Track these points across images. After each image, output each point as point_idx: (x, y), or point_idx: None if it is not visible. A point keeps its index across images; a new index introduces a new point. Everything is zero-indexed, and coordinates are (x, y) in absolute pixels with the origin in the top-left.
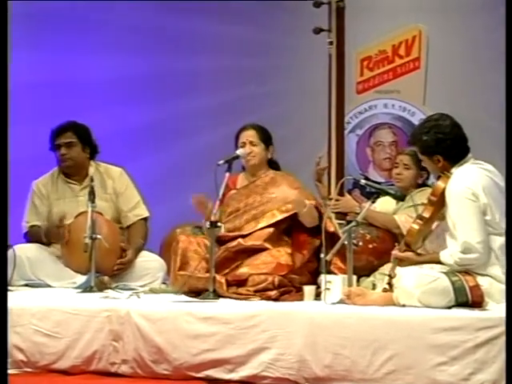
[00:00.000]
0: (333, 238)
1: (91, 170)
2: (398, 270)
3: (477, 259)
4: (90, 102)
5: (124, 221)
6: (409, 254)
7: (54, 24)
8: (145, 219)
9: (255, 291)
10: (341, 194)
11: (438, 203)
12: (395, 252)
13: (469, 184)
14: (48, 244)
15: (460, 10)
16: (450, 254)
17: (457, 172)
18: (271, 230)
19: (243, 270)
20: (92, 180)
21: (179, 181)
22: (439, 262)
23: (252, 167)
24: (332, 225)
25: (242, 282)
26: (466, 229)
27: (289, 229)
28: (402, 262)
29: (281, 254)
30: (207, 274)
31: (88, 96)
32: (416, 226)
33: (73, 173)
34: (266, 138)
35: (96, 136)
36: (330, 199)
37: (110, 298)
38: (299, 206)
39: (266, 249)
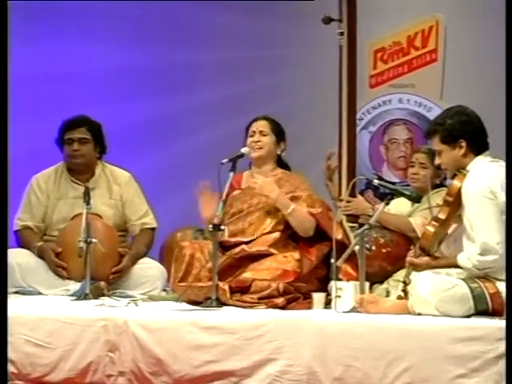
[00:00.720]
0: (343, 244)
1: (97, 171)
2: (414, 276)
3: (496, 261)
4: (84, 96)
5: (131, 230)
6: (424, 260)
7: (48, 15)
8: (152, 229)
9: (259, 298)
10: (352, 195)
11: (455, 204)
12: (410, 258)
13: (486, 182)
14: None
15: None
16: (468, 256)
17: (473, 169)
18: (277, 234)
19: (247, 275)
20: (88, 179)
21: (179, 180)
22: (457, 267)
23: (257, 160)
24: (340, 231)
25: (245, 289)
26: (484, 229)
27: (296, 233)
28: (417, 267)
29: (287, 260)
30: (209, 283)
31: (82, 90)
32: (431, 229)
33: (80, 171)
34: (278, 131)
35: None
36: (341, 200)
37: (106, 306)
38: (263, 189)
39: (271, 254)
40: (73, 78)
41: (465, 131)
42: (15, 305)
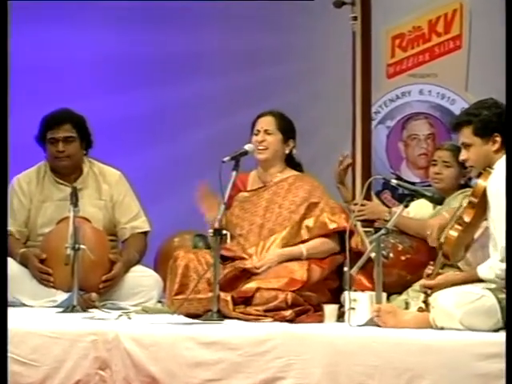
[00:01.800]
0: (359, 253)
1: (85, 170)
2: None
3: None
4: (73, 86)
5: (121, 234)
6: (440, 279)
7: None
8: (144, 233)
9: (265, 310)
10: (367, 197)
11: (481, 205)
12: (423, 281)
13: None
14: None
15: None
16: (490, 265)
17: (498, 167)
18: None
19: (251, 285)
20: (76, 179)
21: (176, 180)
22: (480, 281)
23: (263, 162)
24: (357, 240)
25: (249, 300)
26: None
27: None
28: (434, 289)
29: (295, 269)
30: (209, 294)
31: (71, 80)
32: (454, 233)
33: (67, 172)
34: (285, 128)
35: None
36: (355, 204)
37: (95, 319)
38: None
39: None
40: (57, 68)
41: (501, 125)
42: None
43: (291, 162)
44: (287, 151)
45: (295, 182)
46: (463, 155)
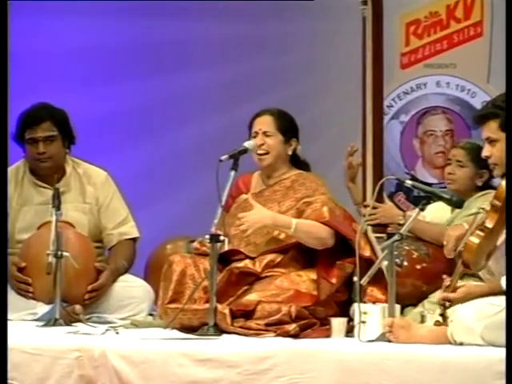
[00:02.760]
0: (370, 261)
1: (68, 170)
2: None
3: None
4: (52, 78)
5: (107, 240)
6: (461, 292)
7: None
8: (133, 240)
9: (267, 325)
10: (379, 199)
11: (504, 209)
12: (442, 294)
13: None
14: None
15: None
16: None
17: None
18: (289, 250)
19: (251, 297)
20: (58, 180)
21: (168, 181)
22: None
23: (266, 168)
24: (368, 246)
25: (249, 313)
26: None
27: (312, 248)
28: (454, 302)
29: (302, 280)
30: (206, 305)
31: (50, 71)
32: (476, 240)
33: (48, 174)
34: (286, 127)
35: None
36: (366, 206)
37: (80, 334)
38: (253, 224)
39: (282, 274)
40: (35, 57)
41: None
42: None
43: (297, 162)
44: (290, 152)
45: (298, 179)
46: (487, 151)
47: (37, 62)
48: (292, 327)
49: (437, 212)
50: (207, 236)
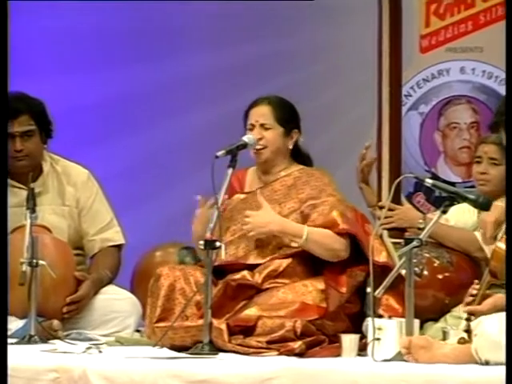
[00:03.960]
0: (386, 268)
1: (45, 168)
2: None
3: None
4: (28, 64)
5: (88, 247)
6: (488, 303)
7: None
8: (118, 247)
9: (269, 342)
10: (396, 200)
11: None
12: (468, 307)
13: None
14: None
15: None
16: None
17: None
18: (292, 257)
19: (251, 312)
20: (34, 179)
21: (157, 180)
22: None
23: (263, 164)
24: (383, 250)
25: (249, 329)
26: None
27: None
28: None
29: (308, 290)
30: (199, 322)
31: (26, 57)
32: (504, 246)
33: (24, 172)
34: (286, 118)
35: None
36: (381, 208)
37: (58, 352)
38: (258, 227)
39: (285, 284)
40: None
41: None
42: None
43: (298, 156)
44: (291, 145)
45: (302, 176)
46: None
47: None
48: (297, 345)
49: (461, 215)
50: (201, 242)
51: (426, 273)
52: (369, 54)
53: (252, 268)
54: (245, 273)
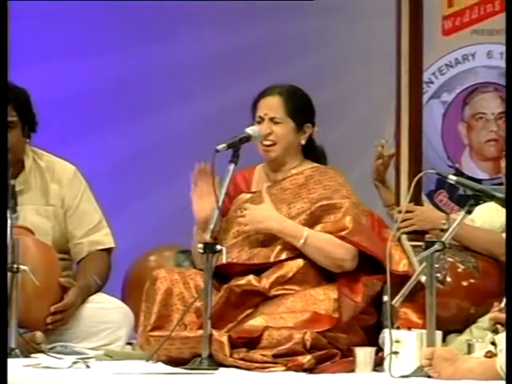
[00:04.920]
0: (406, 280)
1: (28, 164)
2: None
3: None
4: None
5: (75, 251)
6: None
7: None
8: (107, 251)
9: (275, 356)
10: (416, 199)
11: None
12: (495, 314)
13: None
14: None
15: None
16: None
17: None
18: (303, 261)
19: (256, 322)
20: (15, 176)
21: (152, 176)
22: None
23: (273, 161)
24: (404, 258)
25: (254, 341)
26: None
27: None
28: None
29: (319, 299)
30: (199, 332)
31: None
32: None
33: None
34: (299, 110)
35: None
36: (399, 209)
37: (41, 368)
38: (255, 222)
39: (294, 291)
40: None
41: None
42: None
43: (311, 152)
44: (303, 141)
45: (314, 175)
46: None
47: None
48: (306, 359)
49: (488, 215)
50: (200, 245)
51: (449, 279)
52: (386, 37)
53: (258, 272)
54: (250, 277)
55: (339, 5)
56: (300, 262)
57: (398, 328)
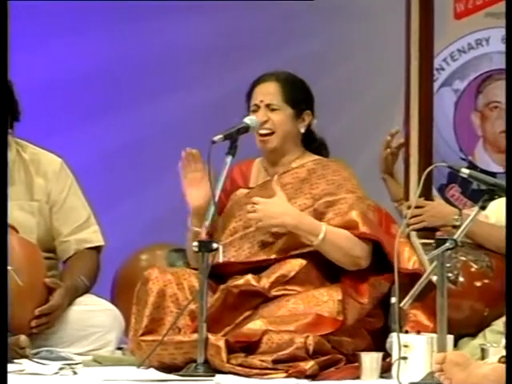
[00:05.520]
0: (415, 280)
1: (11, 155)
2: None
3: None
4: None
5: (62, 249)
6: None
7: None
8: (96, 249)
9: (275, 362)
10: (427, 193)
11: None
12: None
13: None
14: None
15: None
16: None
17: None
18: (306, 260)
19: (255, 325)
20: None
21: (143, 169)
22: None
23: (271, 153)
24: (415, 256)
25: (253, 346)
26: None
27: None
28: None
29: (323, 300)
30: (193, 336)
31: None
32: None
33: None
34: (297, 97)
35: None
36: (408, 204)
37: (26, 374)
38: (268, 217)
39: (296, 292)
40: None
41: None
42: None
43: (311, 143)
44: (303, 129)
45: (316, 169)
46: None
47: None
48: (309, 365)
49: (502, 211)
50: (195, 243)
51: (461, 279)
52: (394, 20)
53: (258, 271)
54: (249, 277)
55: None
56: (303, 260)
57: (406, 332)
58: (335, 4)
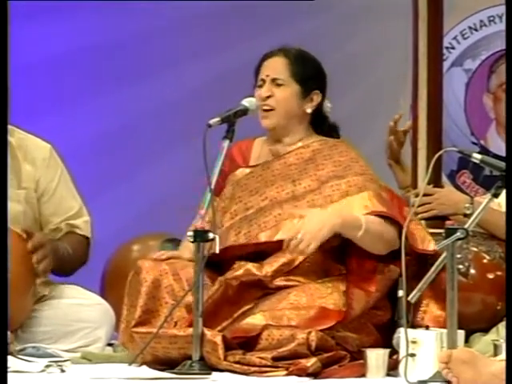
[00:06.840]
0: (424, 263)
1: None
2: None
3: None
4: None
5: (52, 235)
6: None
7: None
8: (87, 239)
9: (275, 359)
10: (436, 180)
11: None
12: None
13: None
14: None
15: None
16: None
17: None
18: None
19: (254, 319)
20: None
21: (134, 154)
22: None
23: (272, 131)
24: (427, 235)
25: (251, 342)
26: None
27: (343, 247)
28: None
29: (327, 292)
30: (189, 330)
31: None
32: None
33: None
34: (306, 74)
35: None
36: (416, 192)
37: (10, 372)
38: (310, 231)
39: (299, 284)
40: None
41: None
42: None
43: (320, 125)
44: (310, 109)
45: (322, 149)
46: None
47: None
48: (311, 362)
49: None
50: (190, 233)
51: (472, 271)
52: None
53: (259, 258)
54: (249, 266)
55: None
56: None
57: (415, 326)
58: None
